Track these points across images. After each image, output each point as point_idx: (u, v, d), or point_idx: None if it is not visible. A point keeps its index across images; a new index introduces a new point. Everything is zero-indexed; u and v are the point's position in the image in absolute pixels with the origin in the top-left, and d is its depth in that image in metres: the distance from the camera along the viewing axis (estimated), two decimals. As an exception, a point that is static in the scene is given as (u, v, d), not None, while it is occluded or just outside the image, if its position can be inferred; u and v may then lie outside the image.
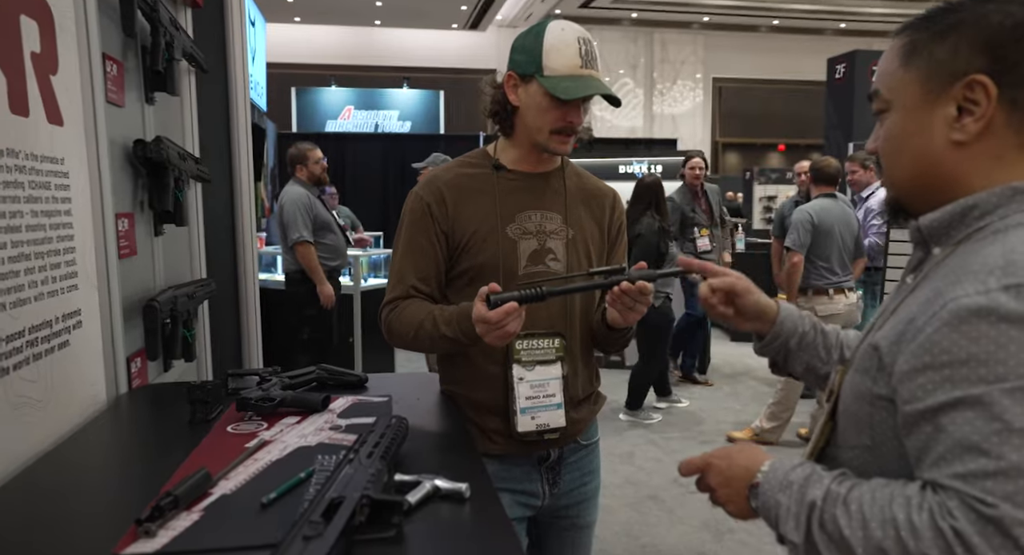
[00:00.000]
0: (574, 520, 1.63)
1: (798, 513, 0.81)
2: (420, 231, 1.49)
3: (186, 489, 0.95)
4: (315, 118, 14.06)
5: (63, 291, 1.36)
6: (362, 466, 0.98)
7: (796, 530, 0.81)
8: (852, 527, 0.76)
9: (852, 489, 0.79)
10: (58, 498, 1.06)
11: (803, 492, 0.82)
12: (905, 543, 0.72)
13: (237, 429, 1.32)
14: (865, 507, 0.76)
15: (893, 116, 0.90)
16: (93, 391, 1.49)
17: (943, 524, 0.70)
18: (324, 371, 1.63)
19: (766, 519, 0.87)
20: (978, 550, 0.68)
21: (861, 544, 0.74)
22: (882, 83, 0.92)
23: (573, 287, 1.32)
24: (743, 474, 0.92)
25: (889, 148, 0.92)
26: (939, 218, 0.87)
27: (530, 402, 1.49)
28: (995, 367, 0.71)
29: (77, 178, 1.44)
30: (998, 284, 0.73)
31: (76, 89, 1.46)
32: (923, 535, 0.71)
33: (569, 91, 1.39)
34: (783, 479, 0.85)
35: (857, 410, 0.88)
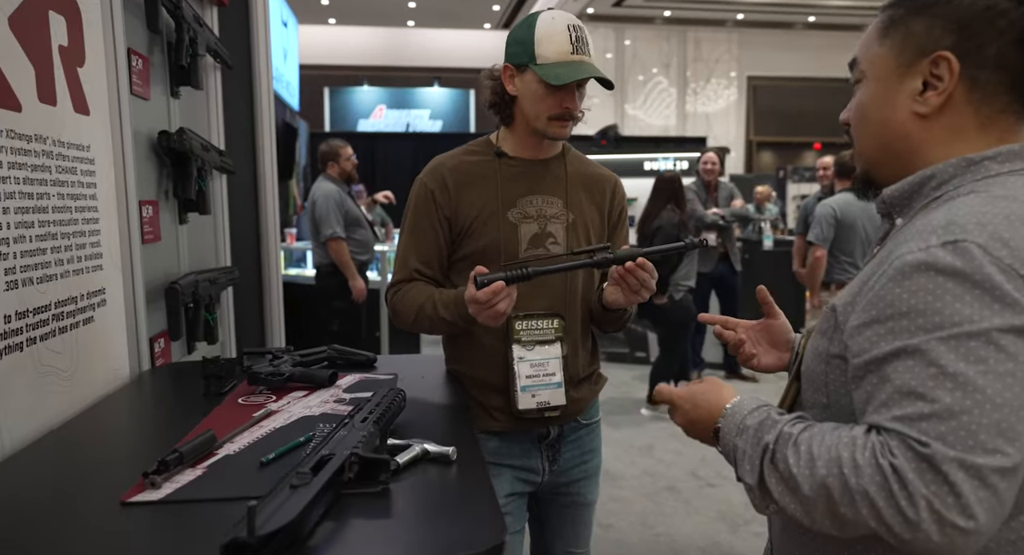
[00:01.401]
0: (574, 497, 1.68)
1: (752, 456, 0.85)
2: (423, 216, 1.56)
3: (191, 447, 1.03)
4: (347, 117, 14.26)
5: (88, 270, 1.45)
6: (355, 429, 1.04)
7: (751, 473, 0.85)
8: (799, 465, 0.79)
9: (803, 431, 0.83)
10: (78, 456, 1.15)
11: (758, 436, 0.86)
12: (847, 478, 0.75)
13: (247, 401, 1.39)
14: (813, 447, 0.79)
15: (866, 86, 0.95)
16: (116, 365, 1.57)
17: (883, 461, 0.74)
18: (334, 351, 1.70)
19: (728, 461, 0.91)
20: (911, 485, 0.71)
21: (807, 481, 0.78)
22: (861, 54, 0.96)
23: (558, 266, 1.37)
24: (707, 417, 0.96)
25: (858, 118, 0.96)
26: (900, 188, 0.91)
27: (530, 381, 1.54)
28: (932, 317, 0.75)
29: (102, 165, 1.53)
30: (938, 241, 0.78)
31: (102, 81, 1.54)
32: (863, 471, 0.74)
33: (561, 77, 1.44)
34: (740, 424, 0.89)
35: (815, 369, 0.93)
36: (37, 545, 0.82)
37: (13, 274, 1.18)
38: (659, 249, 1.41)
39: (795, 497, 0.79)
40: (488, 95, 1.59)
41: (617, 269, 1.40)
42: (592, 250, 1.37)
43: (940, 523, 0.70)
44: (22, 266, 1.21)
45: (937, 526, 0.70)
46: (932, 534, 0.71)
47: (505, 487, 1.57)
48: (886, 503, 0.72)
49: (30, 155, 1.24)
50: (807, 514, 0.79)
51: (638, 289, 1.41)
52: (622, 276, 1.40)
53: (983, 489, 0.70)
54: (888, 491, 0.72)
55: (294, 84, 8.38)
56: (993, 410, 0.71)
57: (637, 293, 1.42)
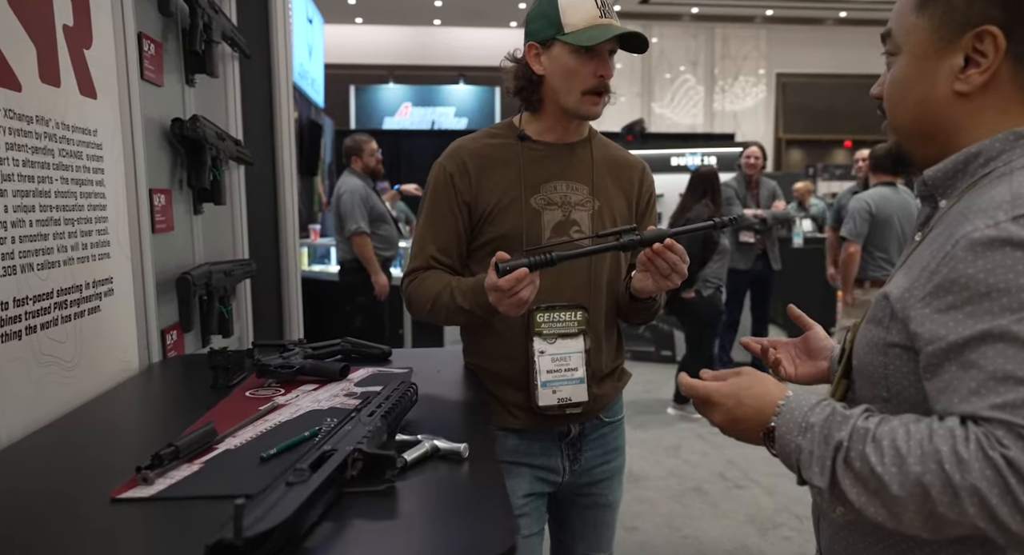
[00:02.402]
0: (596, 498, 1.61)
1: (823, 457, 0.76)
2: (442, 202, 1.49)
3: (188, 441, 0.97)
4: (373, 115, 14.29)
5: (94, 258, 1.41)
6: (361, 424, 0.98)
7: (821, 475, 0.76)
8: (885, 463, 0.71)
9: (880, 424, 0.75)
10: (76, 448, 1.10)
11: (826, 433, 0.77)
12: (950, 476, 0.68)
13: (255, 394, 1.34)
14: (899, 442, 0.72)
15: (901, 61, 0.89)
16: (125, 357, 1.53)
17: (993, 454, 0.67)
18: (348, 343, 1.64)
19: (785, 463, 0.82)
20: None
21: (897, 480, 0.71)
22: (895, 25, 0.90)
23: (584, 250, 1.30)
24: (754, 416, 0.86)
25: (893, 93, 0.90)
26: (943, 169, 0.86)
27: (551, 376, 1.47)
28: (1018, 295, 0.69)
29: (111, 151, 1.49)
30: (1007, 216, 0.73)
31: (110, 65, 1.50)
32: (971, 466, 0.67)
33: (595, 37, 1.37)
34: (801, 422, 0.80)
35: (871, 362, 0.86)
36: (17, 543, 0.77)
37: (11, 259, 1.14)
38: (689, 228, 1.34)
39: (878, 498, 0.72)
40: (511, 81, 1.52)
41: (645, 252, 1.33)
42: (619, 232, 1.30)
43: None
44: (21, 251, 1.16)
45: None
46: None
47: (524, 487, 1.51)
48: (1000, 500, 0.66)
49: (30, 137, 1.20)
50: (894, 516, 0.72)
51: (668, 273, 1.34)
52: (651, 259, 1.33)
53: None
54: (1003, 486, 0.66)
55: (319, 81, 8.39)
56: None
57: (668, 278, 1.35)
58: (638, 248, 1.33)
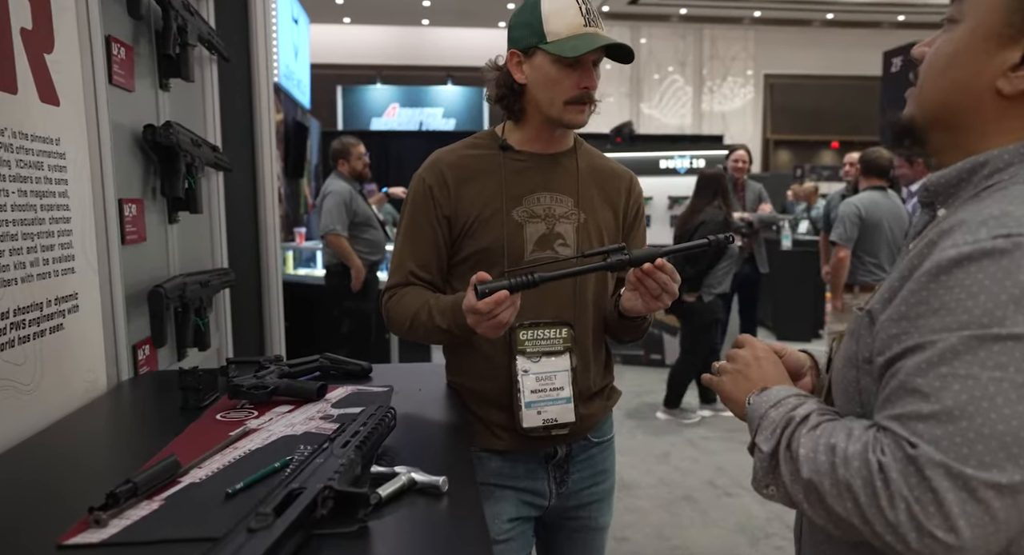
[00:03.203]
0: (585, 522, 1.55)
1: (776, 425, 0.81)
2: (421, 215, 1.43)
3: (148, 477, 0.91)
4: (360, 116, 14.19)
5: (57, 274, 1.34)
6: (333, 456, 0.92)
7: (768, 440, 0.81)
8: (807, 447, 0.75)
9: (828, 419, 0.79)
10: (26, 482, 1.03)
11: (789, 411, 0.82)
12: (836, 469, 0.71)
13: (226, 417, 1.28)
14: (823, 435, 0.75)
15: (959, 32, 0.80)
16: (92, 377, 1.46)
17: (871, 457, 0.70)
18: (327, 360, 1.58)
19: (748, 423, 0.88)
20: (893, 485, 0.67)
21: (807, 464, 0.74)
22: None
23: (568, 271, 1.23)
24: (756, 380, 0.94)
25: (934, 63, 0.82)
26: (947, 175, 0.81)
27: (536, 396, 1.41)
28: (960, 315, 0.68)
29: (75, 160, 1.42)
30: (988, 234, 0.69)
31: (75, 69, 1.43)
32: (851, 464, 0.70)
33: (578, 47, 1.31)
34: (781, 397, 0.85)
35: (845, 376, 0.84)
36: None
37: (-37, 279, 1.07)
38: (679, 248, 1.28)
39: (797, 480, 0.75)
40: (493, 89, 1.46)
41: (635, 272, 1.27)
42: (606, 251, 1.24)
43: (919, 531, 0.66)
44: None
45: (916, 533, 0.66)
46: (911, 541, 0.66)
47: (509, 511, 1.45)
48: (868, 500, 0.68)
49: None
50: (807, 501, 0.75)
51: (659, 294, 1.28)
52: (640, 280, 1.27)
53: (971, 503, 0.64)
54: (872, 488, 0.68)
55: (305, 82, 8.30)
56: (999, 421, 0.65)
57: (658, 299, 1.29)
58: (626, 269, 1.27)
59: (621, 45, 1.33)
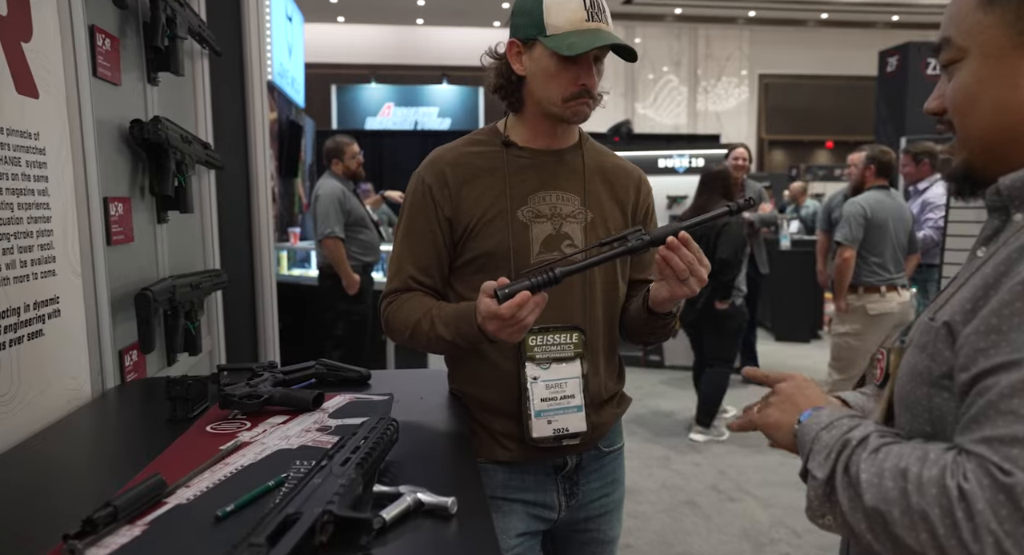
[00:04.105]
0: (594, 534, 1.48)
1: (831, 449, 0.76)
2: (420, 217, 1.36)
3: (129, 499, 0.83)
4: (355, 115, 14.10)
5: (36, 277, 1.26)
6: (332, 476, 0.85)
7: (823, 465, 0.76)
8: (870, 473, 0.70)
9: (893, 443, 0.73)
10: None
11: (844, 433, 0.77)
12: (909, 496, 0.66)
13: (217, 429, 1.20)
14: (890, 458, 0.70)
15: (970, 65, 0.78)
16: (74, 385, 1.39)
17: (950, 482, 0.64)
18: (323, 366, 1.50)
19: (800, 449, 0.83)
20: (979, 517, 0.61)
21: (870, 490, 0.69)
22: (955, 29, 0.79)
23: (590, 261, 1.15)
24: (803, 403, 0.89)
25: (964, 101, 0.79)
26: (1022, 177, 0.76)
27: (546, 404, 1.34)
28: None
29: (56, 156, 1.34)
30: None
31: (56, 61, 1.36)
32: (927, 491, 0.65)
33: (575, 46, 1.24)
34: (833, 419, 0.80)
35: (913, 393, 0.77)
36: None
37: (-69, 283, 0.99)
38: (700, 219, 1.20)
39: (858, 508, 0.70)
40: (492, 78, 1.39)
41: (661, 251, 1.19)
42: (623, 236, 1.16)
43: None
44: (-57, 273, 1.02)
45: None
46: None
47: (517, 526, 1.37)
48: (947, 532, 0.63)
49: (-45, 142, 1.05)
50: (871, 531, 0.69)
51: (686, 277, 1.19)
52: (666, 258, 1.18)
53: None
54: (952, 518, 0.62)
55: (299, 80, 8.20)
56: None
57: (685, 282, 1.20)
58: (648, 250, 1.19)
59: (623, 45, 1.26)
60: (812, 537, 3.13)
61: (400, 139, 11.38)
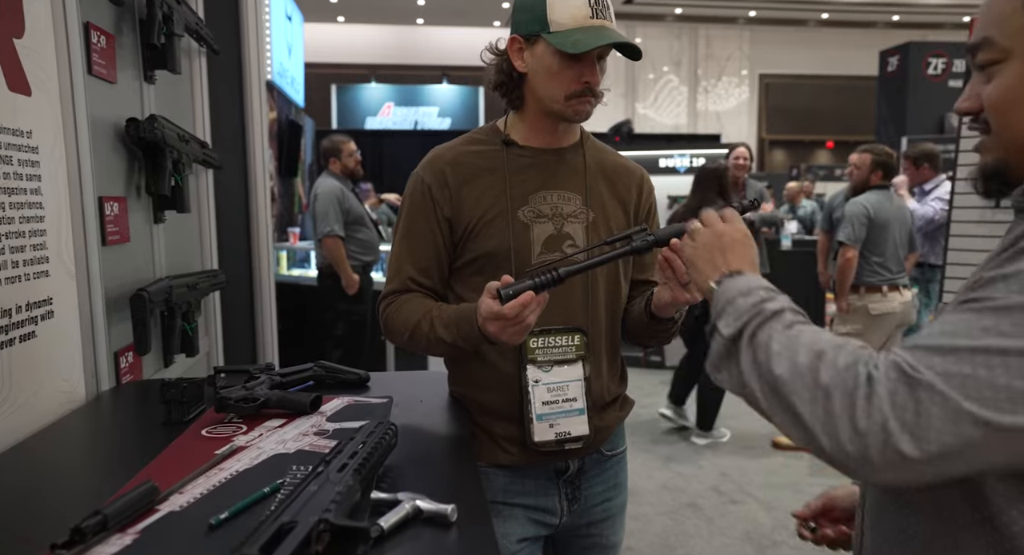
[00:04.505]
0: (597, 539, 1.46)
1: (742, 313, 0.80)
2: (420, 217, 1.34)
3: (119, 507, 0.81)
4: (355, 115, 14.10)
5: (28, 277, 1.24)
6: (329, 483, 0.82)
7: (731, 325, 0.80)
8: (781, 344, 0.74)
9: (803, 322, 0.78)
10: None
11: (759, 302, 0.81)
12: (819, 373, 0.69)
13: (212, 432, 1.18)
14: (804, 336, 0.74)
15: (1014, 66, 0.77)
16: (68, 387, 1.36)
17: (861, 369, 0.68)
18: (322, 368, 1.48)
19: (712, 306, 0.87)
20: (876, 397, 0.65)
21: (781, 361, 0.73)
22: (998, 30, 0.78)
23: (593, 261, 1.14)
24: (732, 262, 0.92)
25: (1007, 102, 0.78)
26: None
27: (548, 408, 1.32)
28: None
29: (50, 154, 1.32)
30: None
31: (50, 57, 1.33)
32: (839, 373, 0.68)
33: (579, 43, 1.21)
34: (753, 287, 0.84)
35: None
36: None
37: (-81, 284, 0.97)
38: None
39: (759, 373, 0.75)
40: (493, 74, 1.36)
41: (663, 253, 1.16)
42: (627, 235, 1.14)
43: (885, 443, 0.64)
44: (-68, 274, 1.00)
45: (882, 446, 0.65)
46: (873, 454, 0.65)
47: (518, 531, 1.35)
48: (842, 409, 0.67)
49: (-56, 140, 1.03)
50: (765, 393, 0.74)
51: (688, 280, 1.15)
52: (669, 260, 1.16)
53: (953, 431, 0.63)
54: (851, 398, 0.66)
55: (299, 80, 8.17)
56: None
57: (686, 287, 1.18)
58: (652, 250, 1.16)
59: (628, 43, 1.24)
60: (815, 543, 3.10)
61: (400, 139, 11.37)
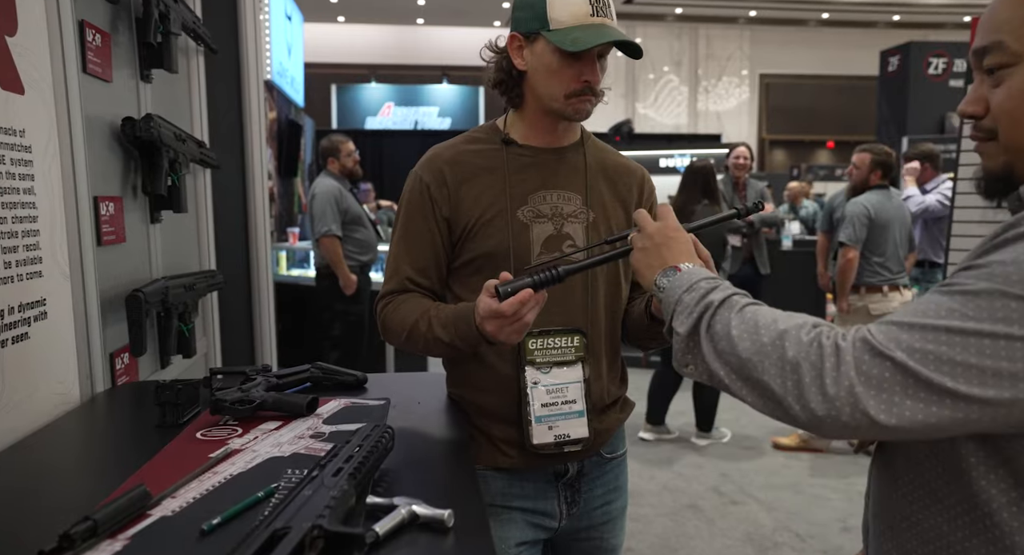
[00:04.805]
0: (597, 543, 1.44)
1: (692, 310, 0.85)
2: (418, 216, 1.32)
3: (109, 512, 0.79)
4: (355, 115, 14.09)
5: (21, 278, 1.22)
6: (324, 487, 0.81)
7: (684, 322, 0.85)
8: (739, 328, 0.79)
9: (756, 304, 0.83)
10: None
11: (704, 296, 0.86)
12: (785, 350, 0.74)
13: (207, 435, 1.16)
14: (760, 318, 0.79)
15: None
16: (62, 388, 1.35)
17: (826, 341, 0.73)
18: (319, 370, 1.47)
19: (664, 309, 0.92)
20: (844, 365, 0.70)
21: (744, 345, 0.78)
22: (1011, 35, 0.77)
23: (593, 260, 1.12)
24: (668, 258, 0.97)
25: (1015, 107, 0.78)
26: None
27: (547, 410, 1.30)
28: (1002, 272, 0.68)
29: (43, 154, 1.30)
30: None
31: (44, 55, 1.32)
32: (803, 347, 0.73)
33: (579, 42, 1.20)
34: (693, 283, 0.89)
35: None
36: None
37: (-92, 285, 0.96)
38: (707, 221, 1.17)
39: (723, 359, 0.80)
40: (492, 72, 1.35)
41: None
42: (627, 235, 1.12)
43: (853, 406, 0.70)
44: (-78, 275, 0.98)
45: (850, 408, 0.70)
46: (843, 415, 0.70)
47: (516, 535, 1.33)
48: (812, 378, 0.72)
49: (-65, 139, 1.02)
50: (730, 376, 0.79)
51: None
52: None
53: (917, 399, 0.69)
54: (820, 368, 0.71)
55: (299, 79, 8.16)
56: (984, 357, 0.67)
57: None
58: None
59: (628, 41, 1.23)
60: (816, 542, 3.09)
61: (400, 139, 11.36)
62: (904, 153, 4.94)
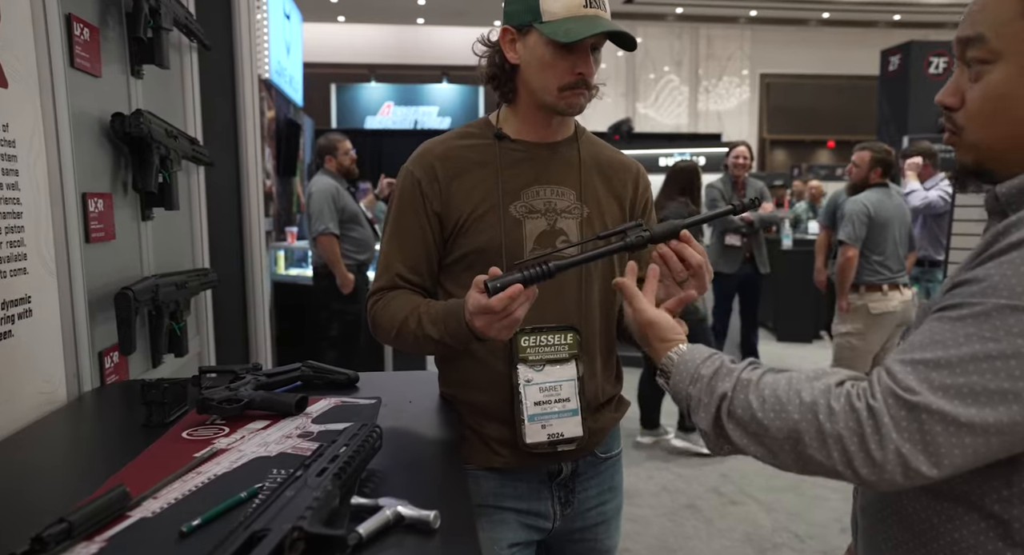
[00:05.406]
0: (591, 544, 1.42)
1: (708, 404, 0.84)
2: (409, 212, 1.30)
3: (86, 514, 0.77)
4: (355, 114, 14.07)
5: (5, 275, 1.20)
6: (307, 488, 0.79)
7: (706, 421, 0.84)
8: (764, 410, 0.78)
9: (764, 375, 0.82)
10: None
11: (712, 386, 0.84)
12: (822, 425, 0.74)
13: (193, 435, 1.14)
14: (780, 392, 0.78)
15: (1001, 71, 0.77)
16: (48, 387, 1.33)
17: (859, 404, 0.72)
18: (310, 368, 1.45)
19: (676, 403, 0.91)
20: (884, 428, 0.70)
21: (775, 425, 0.77)
22: (993, 31, 0.77)
23: (585, 256, 1.09)
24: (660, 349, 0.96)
25: (990, 106, 0.78)
26: (1017, 184, 0.78)
27: (540, 408, 1.28)
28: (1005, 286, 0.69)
29: (28, 149, 1.28)
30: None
31: (29, 49, 1.30)
32: (839, 417, 0.73)
33: (572, 32, 1.18)
34: (694, 373, 0.88)
35: None
36: None
37: None
38: (703, 217, 1.14)
39: (757, 440, 0.80)
40: (485, 66, 1.33)
41: (659, 250, 1.11)
42: (622, 230, 1.09)
43: (904, 466, 0.70)
44: (-101, 271, 0.96)
45: (902, 469, 0.70)
46: (897, 476, 0.71)
47: (508, 536, 1.31)
48: (857, 447, 0.72)
49: (-87, 132, 0.99)
50: (771, 454, 0.79)
51: (684, 278, 1.09)
52: (664, 257, 1.09)
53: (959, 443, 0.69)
54: (861, 435, 0.71)
55: (298, 79, 8.14)
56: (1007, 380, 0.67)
57: (683, 285, 1.10)
58: (647, 247, 1.11)
59: (622, 32, 1.20)
60: (815, 542, 3.07)
61: (400, 138, 11.32)
62: (902, 152, 4.91)
